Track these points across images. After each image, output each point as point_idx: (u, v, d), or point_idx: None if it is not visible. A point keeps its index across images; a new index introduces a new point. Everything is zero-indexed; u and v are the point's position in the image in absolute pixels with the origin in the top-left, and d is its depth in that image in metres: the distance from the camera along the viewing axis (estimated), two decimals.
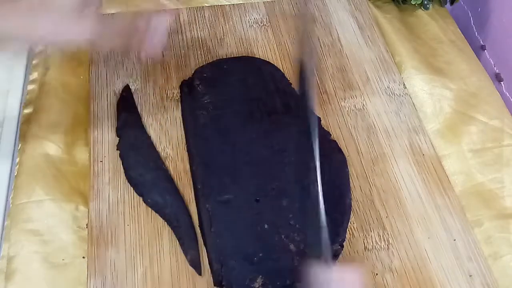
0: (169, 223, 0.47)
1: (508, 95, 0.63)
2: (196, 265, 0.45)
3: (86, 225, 0.47)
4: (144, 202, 0.48)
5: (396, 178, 0.52)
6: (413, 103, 0.58)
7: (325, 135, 0.54)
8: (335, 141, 0.54)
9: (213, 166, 0.50)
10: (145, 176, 0.49)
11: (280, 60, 0.60)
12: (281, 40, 0.62)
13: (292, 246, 0.45)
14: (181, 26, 0.63)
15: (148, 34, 0.48)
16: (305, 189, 0.47)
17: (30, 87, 0.57)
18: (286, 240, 0.46)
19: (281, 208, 0.48)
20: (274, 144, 0.52)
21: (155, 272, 0.45)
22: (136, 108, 0.55)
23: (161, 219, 0.47)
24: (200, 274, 0.45)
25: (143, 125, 0.53)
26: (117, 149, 0.51)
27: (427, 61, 0.62)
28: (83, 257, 0.45)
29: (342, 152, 0.53)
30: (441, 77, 0.61)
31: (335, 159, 0.52)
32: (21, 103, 0.56)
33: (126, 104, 0.55)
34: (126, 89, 0.56)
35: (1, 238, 0.47)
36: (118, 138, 0.52)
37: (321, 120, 0.55)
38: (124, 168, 0.50)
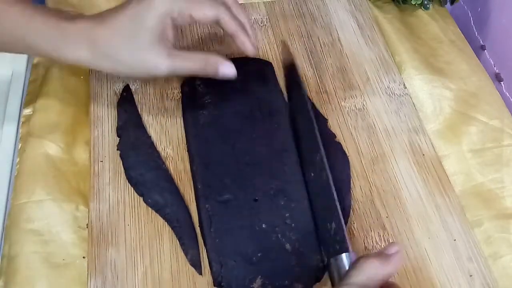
0: (169, 223, 0.47)
1: (508, 95, 0.63)
2: (196, 265, 0.45)
3: (87, 225, 0.47)
4: (145, 202, 0.48)
5: (396, 178, 0.52)
6: (413, 103, 0.58)
7: (330, 137, 0.54)
8: (340, 143, 0.54)
9: (213, 166, 0.50)
10: (145, 176, 0.49)
11: (280, 60, 0.60)
12: (281, 40, 0.62)
13: (288, 246, 0.45)
14: (181, 26, 0.63)
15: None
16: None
17: (30, 87, 0.57)
18: (283, 239, 0.46)
19: (278, 207, 0.48)
20: (274, 144, 0.52)
21: (155, 272, 0.45)
22: (136, 108, 0.55)
23: (161, 219, 0.47)
24: (200, 273, 0.45)
25: (143, 125, 0.53)
26: (117, 149, 0.51)
27: (427, 61, 0.62)
28: (83, 257, 0.45)
29: (346, 154, 0.53)
30: (441, 77, 0.61)
31: (338, 161, 0.52)
32: (21, 103, 0.56)
33: (126, 104, 0.55)
34: (127, 89, 0.56)
35: (1, 238, 0.47)
36: (118, 138, 0.52)
37: (327, 122, 0.55)
38: (124, 168, 0.50)
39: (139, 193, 0.49)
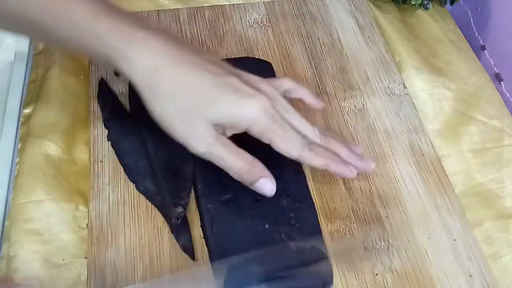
0: (160, 210, 0.47)
1: (508, 95, 0.63)
2: (188, 250, 0.45)
3: (86, 225, 0.47)
4: (137, 189, 0.48)
5: (396, 178, 0.52)
6: (413, 103, 0.58)
7: None
8: None
9: (213, 166, 0.50)
10: (138, 163, 0.50)
11: (280, 60, 0.60)
12: (281, 40, 0.62)
13: (292, 246, 0.45)
14: (181, 26, 0.63)
15: None
16: None
17: (30, 87, 0.57)
18: (286, 239, 0.46)
19: (281, 207, 0.48)
20: None
21: (155, 272, 0.44)
22: (117, 98, 0.55)
23: (161, 219, 0.47)
24: (193, 259, 0.45)
25: (130, 115, 0.53)
26: (107, 140, 0.51)
27: (427, 61, 0.62)
28: (85, 258, 0.45)
29: None
30: (441, 77, 0.61)
31: None
32: (21, 103, 0.56)
33: (107, 96, 0.55)
34: (103, 82, 0.56)
35: (1, 238, 0.47)
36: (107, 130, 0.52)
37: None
38: (116, 155, 0.50)
39: (132, 180, 0.49)
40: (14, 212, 0.47)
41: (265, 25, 0.64)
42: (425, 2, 0.67)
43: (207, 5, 0.65)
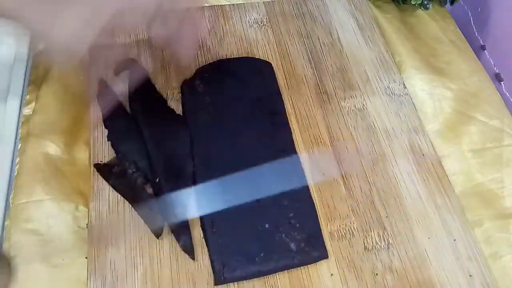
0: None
1: (508, 95, 0.63)
2: (188, 250, 0.45)
3: (86, 225, 0.47)
4: None
5: (396, 178, 0.52)
6: (413, 103, 0.58)
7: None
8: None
9: (214, 166, 0.50)
10: (138, 163, 0.50)
11: (280, 60, 0.60)
12: (281, 40, 0.62)
13: (293, 245, 0.46)
14: None
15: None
16: None
17: (30, 87, 0.57)
18: (287, 239, 0.46)
19: (281, 207, 0.48)
20: (275, 144, 0.52)
21: (155, 272, 0.45)
22: (117, 98, 0.54)
23: None
24: (193, 259, 0.45)
25: (129, 114, 0.53)
26: (107, 140, 0.51)
27: (427, 61, 0.62)
28: (86, 258, 0.45)
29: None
30: (441, 77, 0.61)
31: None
32: (21, 103, 0.56)
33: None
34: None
35: (1, 238, 0.47)
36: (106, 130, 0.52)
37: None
38: (117, 156, 0.50)
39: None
40: (14, 212, 0.47)
41: (265, 25, 0.64)
42: (425, 2, 0.67)
43: (207, 5, 0.65)
